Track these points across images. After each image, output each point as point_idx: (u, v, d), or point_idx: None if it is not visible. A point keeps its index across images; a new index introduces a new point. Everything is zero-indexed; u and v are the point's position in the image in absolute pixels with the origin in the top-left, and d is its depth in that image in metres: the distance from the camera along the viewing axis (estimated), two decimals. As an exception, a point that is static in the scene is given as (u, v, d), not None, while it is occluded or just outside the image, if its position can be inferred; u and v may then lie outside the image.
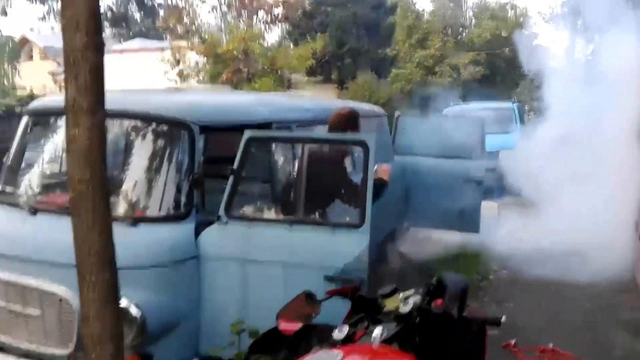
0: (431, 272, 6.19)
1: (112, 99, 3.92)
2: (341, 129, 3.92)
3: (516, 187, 9.23)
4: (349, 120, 4.01)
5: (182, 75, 14.34)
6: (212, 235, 3.39)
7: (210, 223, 3.42)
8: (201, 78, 14.34)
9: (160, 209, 3.40)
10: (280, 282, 3.28)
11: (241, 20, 14.24)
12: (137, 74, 15.02)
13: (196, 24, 14.19)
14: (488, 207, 9.16)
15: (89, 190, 2.00)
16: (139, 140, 3.51)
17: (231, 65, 13.61)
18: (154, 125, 3.50)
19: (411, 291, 2.15)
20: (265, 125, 4.06)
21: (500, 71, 26.34)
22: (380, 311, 2.18)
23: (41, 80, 21.03)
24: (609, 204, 7.13)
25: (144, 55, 16.68)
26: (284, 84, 15.16)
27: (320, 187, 3.48)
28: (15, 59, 14.01)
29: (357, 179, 3.32)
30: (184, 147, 3.47)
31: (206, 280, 3.38)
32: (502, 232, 7.93)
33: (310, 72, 21.95)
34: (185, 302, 3.33)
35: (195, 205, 3.43)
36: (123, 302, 3.08)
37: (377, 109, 6.56)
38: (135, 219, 3.33)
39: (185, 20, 13.94)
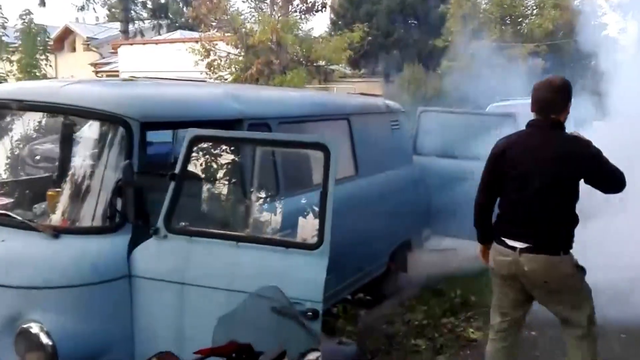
0: (443, 292, 5.60)
1: (47, 88, 3.61)
2: (556, 100, 3.26)
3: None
4: (562, 91, 3.29)
5: (211, 67, 14.08)
6: (147, 252, 2.97)
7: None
8: (233, 70, 14.04)
9: (87, 219, 3.00)
10: (223, 310, 2.81)
11: (275, 9, 13.80)
12: (170, 65, 14.90)
13: (228, 13, 13.86)
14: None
15: None
16: (69, 137, 3.11)
17: (263, 57, 13.24)
18: (86, 120, 3.09)
19: (314, 355, 1.64)
20: (235, 122, 3.60)
21: (563, 64, 24.90)
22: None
23: (83, 71, 21.40)
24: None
25: (180, 47, 16.53)
26: (319, 77, 14.67)
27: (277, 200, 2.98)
28: (47, 50, 14.16)
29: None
30: (120, 147, 3.04)
31: (140, 304, 2.95)
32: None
33: (354, 64, 21.37)
34: (114, 328, 2.92)
35: (133, 215, 3.00)
36: (33, 328, 2.73)
37: (392, 104, 5.96)
38: (57, 229, 2.93)
39: (216, 9, 13.65)
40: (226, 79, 14.35)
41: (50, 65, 14.49)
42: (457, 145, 6.34)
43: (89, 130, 3.10)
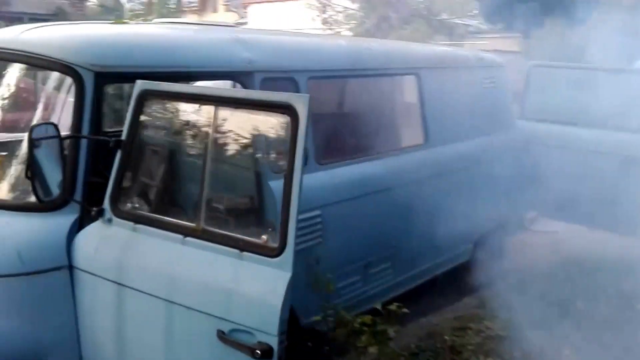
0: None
1: (12, 33, 2.95)
2: None
3: None
4: None
5: (326, 23, 13.18)
6: (90, 238, 2.26)
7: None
8: (351, 25, 13.04)
9: (24, 193, 2.33)
10: (162, 325, 2.05)
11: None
12: (296, 22, 14.19)
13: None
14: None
15: None
16: (7, 90, 2.45)
17: (379, 11, 12.06)
18: (28, 68, 2.41)
19: None
20: (241, 75, 2.74)
21: None
22: None
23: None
24: None
25: (309, 3, 15.67)
26: (443, 32, 13.13)
27: (234, 181, 2.11)
28: (179, 10, 14.19)
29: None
30: (68, 103, 2.34)
31: (83, 302, 2.28)
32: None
33: (490, 19, 19.21)
34: (51, 329, 2.28)
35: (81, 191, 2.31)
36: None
37: (487, 56, 4.70)
38: (-11, 204, 2.32)
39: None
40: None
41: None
42: (578, 110, 4.95)
43: (32, 82, 2.44)
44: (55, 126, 2.13)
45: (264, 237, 1.89)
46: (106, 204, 2.22)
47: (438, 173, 3.90)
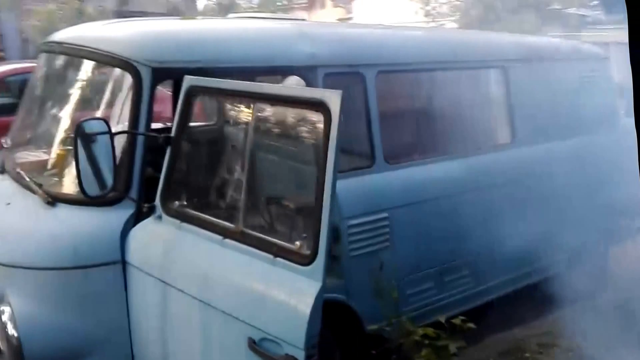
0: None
1: (91, 29, 3.03)
2: None
3: None
4: None
5: (429, 15, 12.75)
6: (141, 234, 2.28)
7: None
8: (455, 17, 12.53)
9: (75, 187, 2.36)
10: (199, 328, 2.01)
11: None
12: (391, 16, 13.93)
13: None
14: None
15: None
16: (67, 85, 2.54)
17: (485, 1, 11.45)
18: (87, 64, 2.48)
19: None
20: (303, 70, 2.65)
21: None
22: None
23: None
24: None
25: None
26: (556, 23, 12.20)
27: (277, 182, 2.01)
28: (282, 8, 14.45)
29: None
30: (124, 99, 2.37)
31: (133, 297, 2.30)
32: None
33: (611, 8, 17.63)
34: (100, 324, 2.32)
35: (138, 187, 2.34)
36: (4, 314, 2.26)
37: (587, 48, 4.23)
38: (53, 196, 2.41)
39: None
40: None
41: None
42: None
43: (90, 77, 2.51)
44: (106, 121, 2.16)
45: (298, 242, 1.78)
46: (157, 201, 2.23)
47: (527, 175, 3.56)
